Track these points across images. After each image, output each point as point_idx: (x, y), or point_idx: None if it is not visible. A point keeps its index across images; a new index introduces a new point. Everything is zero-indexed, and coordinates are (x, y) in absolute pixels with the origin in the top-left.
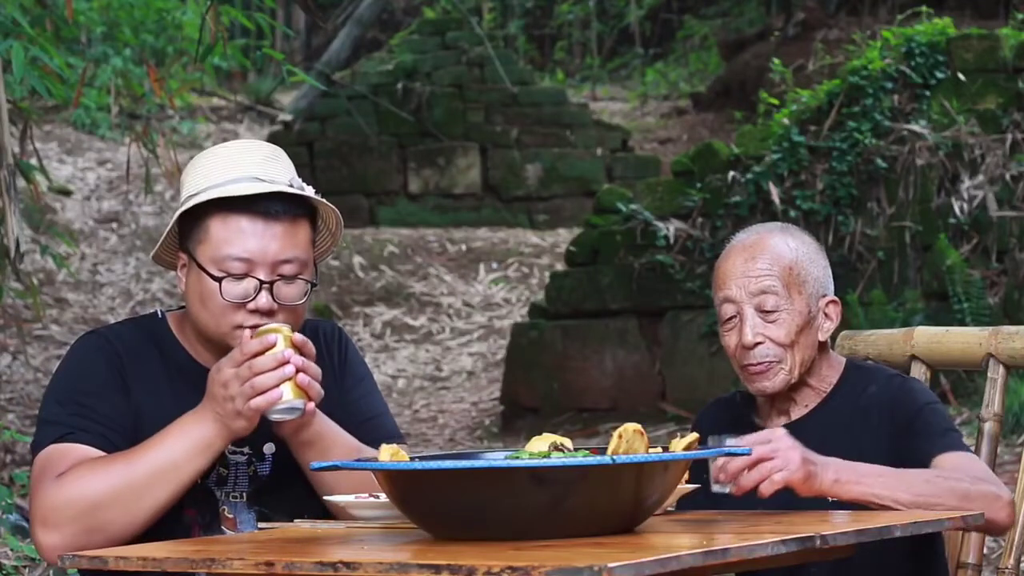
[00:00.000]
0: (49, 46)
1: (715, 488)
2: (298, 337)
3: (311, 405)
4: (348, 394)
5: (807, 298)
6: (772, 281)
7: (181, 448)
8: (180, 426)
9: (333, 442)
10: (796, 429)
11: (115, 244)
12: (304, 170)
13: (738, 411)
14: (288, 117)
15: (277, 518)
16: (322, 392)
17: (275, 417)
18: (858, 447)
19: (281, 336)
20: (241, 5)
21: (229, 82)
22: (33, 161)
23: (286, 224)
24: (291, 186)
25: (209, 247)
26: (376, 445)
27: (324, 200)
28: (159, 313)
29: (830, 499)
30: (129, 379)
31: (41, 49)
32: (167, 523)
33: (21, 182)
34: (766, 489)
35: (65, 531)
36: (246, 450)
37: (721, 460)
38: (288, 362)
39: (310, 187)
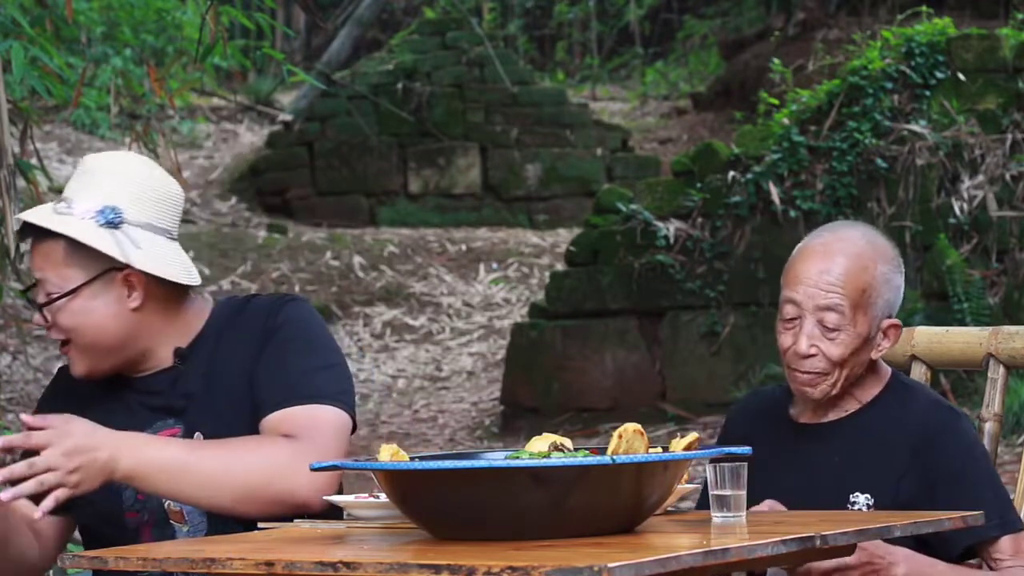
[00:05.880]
0: (49, 46)
1: None
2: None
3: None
4: (261, 363)
5: (870, 320)
6: (840, 300)
7: None
8: None
9: (159, 467)
10: (829, 432)
11: None
12: (304, 170)
13: (775, 404)
14: (288, 117)
15: None
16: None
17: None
18: (887, 463)
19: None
20: (241, 5)
21: (229, 82)
22: (33, 161)
23: (37, 246)
24: (60, 204)
25: None
26: (274, 406)
27: (58, 225)
28: None
29: None
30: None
31: (41, 49)
32: (112, 531)
33: (21, 182)
34: None
35: None
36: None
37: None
38: None
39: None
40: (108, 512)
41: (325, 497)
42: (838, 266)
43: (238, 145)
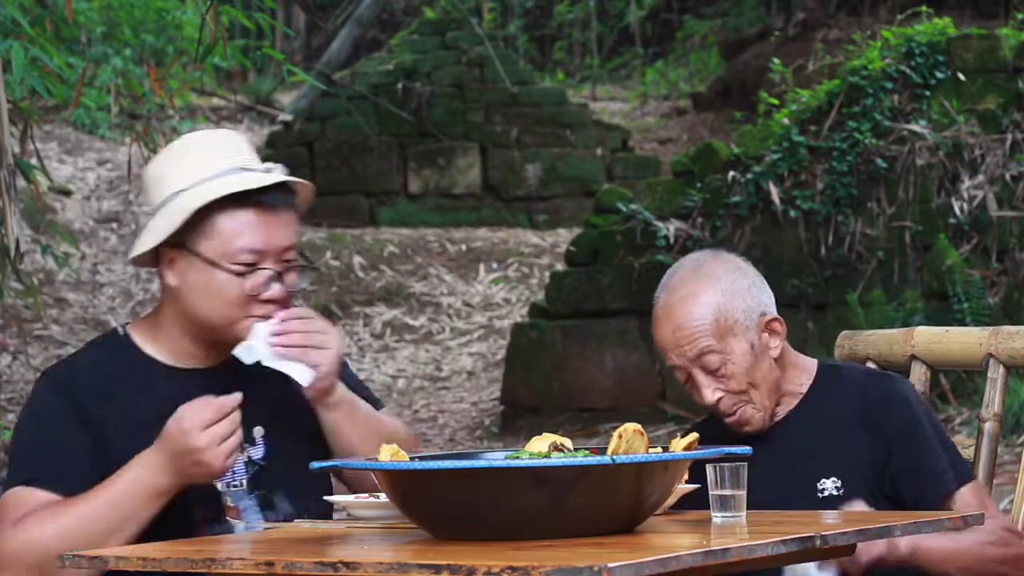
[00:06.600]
0: (49, 46)
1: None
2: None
3: (317, 371)
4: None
5: (744, 335)
6: (706, 341)
7: (132, 499)
8: (136, 472)
9: (355, 402)
10: (776, 434)
11: (115, 244)
12: (304, 170)
13: (727, 428)
14: (288, 117)
15: (278, 500)
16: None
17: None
18: (842, 442)
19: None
20: (241, 5)
21: (229, 82)
22: (33, 161)
23: (285, 214)
24: (270, 172)
25: (218, 241)
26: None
27: (304, 182)
28: (120, 330)
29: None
30: (91, 409)
31: (41, 49)
32: (176, 522)
33: (21, 182)
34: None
35: None
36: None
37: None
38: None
39: (278, 166)
40: (179, 502)
41: (325, 497)
42: (683, 317)
43: None
